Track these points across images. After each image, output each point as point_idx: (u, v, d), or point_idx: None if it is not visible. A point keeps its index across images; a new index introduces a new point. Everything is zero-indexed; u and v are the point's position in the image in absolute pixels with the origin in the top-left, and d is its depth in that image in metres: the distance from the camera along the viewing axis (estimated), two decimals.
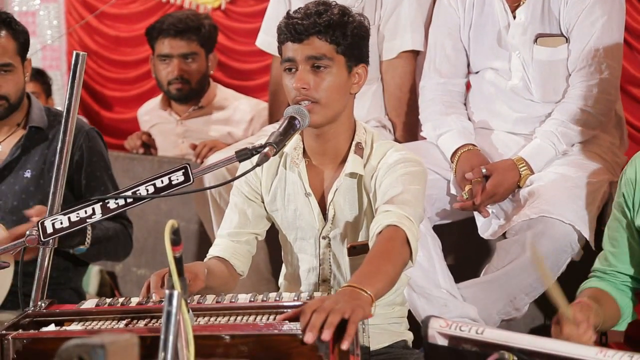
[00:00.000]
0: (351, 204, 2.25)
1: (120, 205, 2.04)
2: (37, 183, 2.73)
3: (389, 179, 2.17)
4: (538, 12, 2.88)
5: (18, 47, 2.72)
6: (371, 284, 1.91)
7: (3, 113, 2.73)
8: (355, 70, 2.22)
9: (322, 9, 2.18)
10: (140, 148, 4.02)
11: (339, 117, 2.22)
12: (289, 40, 2.18)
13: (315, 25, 2.15)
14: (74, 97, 2.16)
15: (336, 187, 2.24)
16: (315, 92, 2.16)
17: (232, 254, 2.32)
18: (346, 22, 2.18)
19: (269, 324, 1.83)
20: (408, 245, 2.06)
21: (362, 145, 2.25)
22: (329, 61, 2.17)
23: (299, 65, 2.17)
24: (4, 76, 2.69)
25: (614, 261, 2.36)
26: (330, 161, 2.26)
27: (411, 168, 2.19)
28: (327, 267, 2.30)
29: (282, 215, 2.32)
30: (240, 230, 2.34)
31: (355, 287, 1.88)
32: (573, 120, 2.83)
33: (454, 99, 3.06)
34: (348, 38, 2.18)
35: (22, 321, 1.98)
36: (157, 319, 1.92)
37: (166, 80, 3.92)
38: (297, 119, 2.11)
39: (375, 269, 1.98)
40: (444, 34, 3.06)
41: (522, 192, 2.79)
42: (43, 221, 2.05)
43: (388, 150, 2.24)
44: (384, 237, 2.06)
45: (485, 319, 2.72)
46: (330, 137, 2.23)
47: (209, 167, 2.15)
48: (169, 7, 4.73)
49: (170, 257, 1.63)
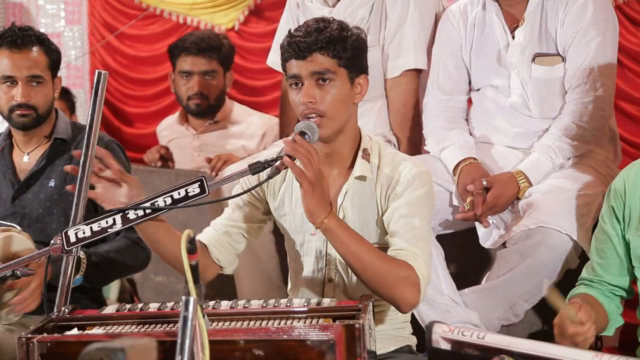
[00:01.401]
0: (360, 207, 2.25)
1: (139, 215, 2.05)
2: (60, 192, 2.75)
3: (402, 202, 2.18)
4: (536, 32, 2.89)
5: (50, 63, 2.77)
6: (349, 230, 2.06)
7: (31, 123, 2.76)
8: (357, 81, 2.24)
9: (322, 25, 2.20)
10: (159, 161, 4.03)
11: (345, 128, 2.23)
12: (293, 57, 2.19)
13: (317, 42, 2.17)
14: (96, 113, 2.18)
15: (346, 189, 2.24)
16: (321, 105, 2.17)
17: (213, 242, 2.30)
18: (346, 36, 2.20)
19: (280, 329, 1.83)
20: (413, 288, 2.08)
21: (368, 151, 2.26)
22: (333, 75, 2.18)
23: (304, 81, 2.18)
24: (34, 88, 2.73)
25: (600, 271, 2.36)
26: (337, 167, 2.27)
27: (422, 189, 2.20)
28: (332, 268, 2.28)
29: (290, 220, 2.32)
30: (228, 222, 2.33)
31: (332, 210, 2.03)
32: (569, 135, 2.82)
33: (456, 114, 3.06)
34: (348, 51, 2.20)
35: (46, 325, 1.99)
36: (174, 323, 1.92)
37: (186, 95, 3.95)
38: (307, 134, 2.13)
39: (368, 244, 2.08)
40: (446, 53, 3.06)
41: (521, 203, 2.78)
42: (66, 231, 2.06)
43: (401, 163, 2.24)
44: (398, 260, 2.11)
45: (486, 324, 2.71)
46: (337, 145, 2.24)
47: (223, 180, 2.17)
48: (186, 28, 4.76)
49: (187, 265, 1.64)
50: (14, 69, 2.71)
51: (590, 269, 2.39)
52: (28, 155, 2.82)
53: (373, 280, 2.09)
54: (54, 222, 2.74)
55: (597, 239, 2.38)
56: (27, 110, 2.73)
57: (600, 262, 2.36)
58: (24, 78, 2.71)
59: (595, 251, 2.38)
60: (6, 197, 2.79)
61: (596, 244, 2.38)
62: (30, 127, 2.77)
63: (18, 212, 2.77)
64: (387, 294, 2.10)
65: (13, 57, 2.71)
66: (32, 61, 2.72)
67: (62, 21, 5.19)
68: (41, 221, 2.74)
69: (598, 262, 2.36)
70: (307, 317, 1.93)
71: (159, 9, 4.88)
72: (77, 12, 5.17)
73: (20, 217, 2.75)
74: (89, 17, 5.11)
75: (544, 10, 2.88)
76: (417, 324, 2.62)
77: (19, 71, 2.71)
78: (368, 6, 3.11)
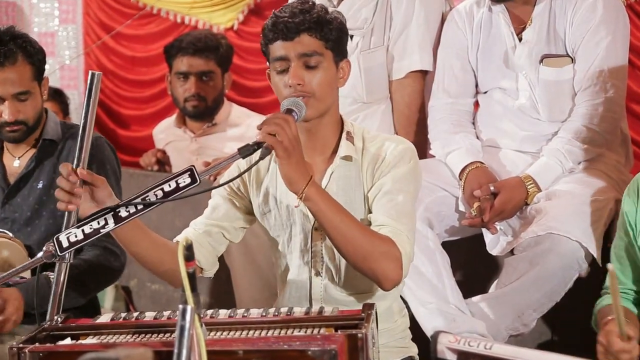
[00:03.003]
0: (345, 189, 2.24)
1: (131, 212, 2.03)
2: (48, 193, 2.73)
3: (387, 179, 2.20)
4: (544, 33, 2.88)
5: (34, 72, 2.72)
6: (330, 199, 2.08)
7: (22, 136, 2.75)
8: (341, 65, 2.26)
9: (308, 7, 2.21)
10: (155, 165, 4.03)
11: (328, 111, 2.24)
12: (280, 39, 2.19)
13: (305, 22, 2.17)
14: (90, 115, 2.17)
15: (331, 170, 2.25)
16: (309, 87, 2.18)
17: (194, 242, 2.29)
18: (331, 18, 2.22)
19: (280, 338, 1.82)
20: (400, 263, 2.08)
21: (352, 134, 2.27)
22: (320, 57, 2.19)
23: (291, 63, 2.18)
24: (22, 103, 2.70)
25: (622, 279, 2.35)
26: (320, 154, 2.27)
27: (407, 166, 2.22)
28: (319, 260, 2.27)
29: (275, 215, 2.30)
30: (208, 221, 2.31)
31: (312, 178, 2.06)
32: (579, 138, 2.82)
33: (462, 118, 3.06)
34: (334, 33, 2.21)
35: (38, 335, 1.98)
36: (171, 333, 1.91)
37: (183, 97, 3.94)
38: (294, 110, 2.13)
39: (350, 216, 2.10)
40: (452, 55, 3.06)
41: (529, 209, 2.78)
42: (58, 236, 2.05)
43: (385, 141, 2.26)
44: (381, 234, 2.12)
45: (494, 334, 2.70)
46: (320, 130, 2.25)
47: (214, 167, 2.17)
48: (184, 28, 4.77)
49: (184, 272, 1.63)
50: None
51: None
52: (19, 159, 2.81)
53: (353, 253, 2.10)
54: (42, 225, 2.73)
55: (615, 246, 2.39)
56: (17, 126, 2.71)
57: (621, 269, 2.36)
58: (10, 96, 2.68)
59: (615, 258, 2.39)
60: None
61: (615, 251, 2.39)
62: (22, 139, 2.77)
63: (8, 218, 2.76)
64: (368, 268, 2.10)
65: None
66: (17, 76, 2.67)
67: (56, 20, 5.19)
68: (30, 224, 2.73)
69: (618, 268, 2.37)
70: (308, 327, 1.92)
71: (157, 8, 4.88)
72: (72, 10, 5.17)
73: (10, 222, 2.75)
74: (84, 16, 5.11)
75: (552, 11, 2.87)
76: (422, 333, 2.61)
77: (5, 89, 2.67)
78: (371, 6, 3.11)
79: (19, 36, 2.72)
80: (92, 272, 2.67)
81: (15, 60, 2.67)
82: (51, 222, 2.71)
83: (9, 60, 2.66)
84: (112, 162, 2.80)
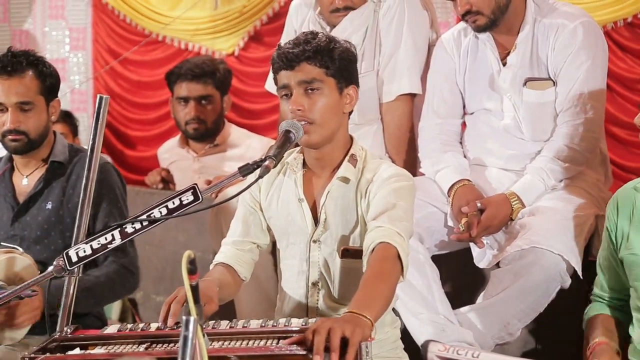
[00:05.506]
0: (342, 209, 2.25)
1: (137, 228, 2.04)
2: (57, 214, 2.74)
3: (382, 192, 2.19)
4: (527, 58, 2.90)
5: (42, 88, 2.73)
6: (369, 308, 1.90)
7: (23, 147, 2.74)
8: (347, 91, 2.26)
9: (310, 37, 2.23)
10: (160, 183, 4.03)
11: (335, 136, 2.25)
12: (283, 68, 2.22)
13: (305, 52, 2.20)
14: (98, 137, 2.17)
15: (328, 190, 2.25)
16: (310, 113, 2.19)
17: (236, 260, 2.33)
18: (333, 47, 2.23)
19: (278, 347, 1.82)
20: (399, 261, 2.07)
21: (356, 157, 2.27)
22: (320, 84, 2.20)
23: (293, 90, 2.21)
24: (24, 113, 2.70)
25: (607, 287, 2.41)
26: (327, 170, 2.28)
27: (403, 182, 2.21)
28: (315, 270, 2.28)
29: (275, 222, 2.33)
30: (243, 239, 2.35)
31: (354, 313, 1.87)
32: (561, 157, 2.83)
33: (451, 137, 3.07)
34: (336, 62, 2.22)
35: (49, 345, 1.98)
36: (175, 343, 1.91)
37: (184, 120, 3.96)
38: (291, 131, 2.15)
39: (372, 293, 1.97)
40: (441, 78, 3.07)
41: (514, 224, 2.78)
42: (68, 252, 2.05)
43: (382, 165, 2.26)
44: (377, 257, 2.06)
45: (481, 343, 2.70)
46: (327, 152, 2.27)
47: (216, 185, 2.18)
48: (188, 54, 4.79)
49: (187, 286, 1.63)
50: (2, 95, 2.68)
51: (599, 286, 2.45)
52: (27, 177, 2.80)
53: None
54: (52, 244, 2.72)
55: (600, 256, 2.44)
56: (17, 136, 2.71)
57: (606, 278, 2.42)
58: (12, 104, 2.68)
59: (600, 267, 2.44)
60: (6, 220, 2.78)
61: (600, 261, 2.44)
62: (23, 151, 2.76)
63: (17, 235, 2.75)
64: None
65: (3, 84, 2.68)
66: (22, 87, 2.69)
67: (67, 47, 5.21)
68: (40, 243, 2.73)
69: (604, 277, 2.42)
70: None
71: (162, 35, 4.91)
72: (82, 38, 5.19)
73: (19, 240, 2.74)
74: (94, 43, 5.14)
75: (535, 37, 2.89)
76: (412, 342, 2.61)
77: (8, 98, 2.68)
78: (361, 32, 3.12)
79: (33, 55, 2.75)
80: (110, 283, 2.69)
81: (23, 72, 2.69)
82: (60, 242, 2.71)
83: (16, 72, 2.68)
84: (119, 186, 2.82)
